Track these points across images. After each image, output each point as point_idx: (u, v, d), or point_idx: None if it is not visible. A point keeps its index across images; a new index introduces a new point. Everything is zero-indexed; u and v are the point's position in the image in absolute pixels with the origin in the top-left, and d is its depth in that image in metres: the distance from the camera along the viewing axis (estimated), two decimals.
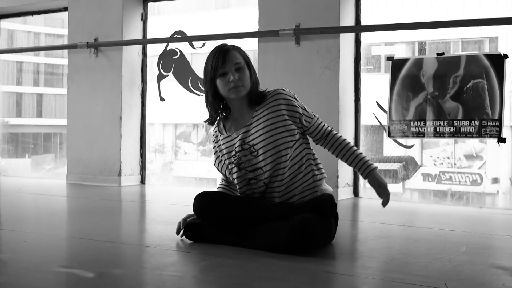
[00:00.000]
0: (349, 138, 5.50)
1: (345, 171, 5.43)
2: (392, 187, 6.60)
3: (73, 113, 6.81)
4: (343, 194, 5.41)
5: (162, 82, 6.59)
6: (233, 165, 3.31)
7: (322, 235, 3.15)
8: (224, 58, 3.24)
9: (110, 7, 6.52)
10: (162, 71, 6.56)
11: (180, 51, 6.48)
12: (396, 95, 5.31)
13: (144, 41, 6.56)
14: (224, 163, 3.38)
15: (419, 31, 5.75)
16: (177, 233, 3.40)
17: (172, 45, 6.53)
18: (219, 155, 3.41)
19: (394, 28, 5.37)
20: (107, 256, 3.08)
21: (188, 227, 3.36)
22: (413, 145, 5.86)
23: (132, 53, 6.60)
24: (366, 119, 5.64)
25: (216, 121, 3.42)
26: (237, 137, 3.31)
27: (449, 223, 4.26)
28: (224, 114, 3.43)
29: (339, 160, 5.19)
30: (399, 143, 5.61)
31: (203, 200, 3.28)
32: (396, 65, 5.32)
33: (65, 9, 7.00)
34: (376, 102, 5.54)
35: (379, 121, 5.52)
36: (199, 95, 6.34)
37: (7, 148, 15.82)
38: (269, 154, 3.22)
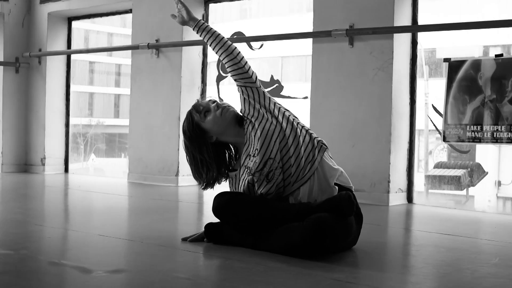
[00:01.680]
0: (403, 141, 5.32)
1: (397, 176, 5.26)
2: (456, 194, 6.38)
3: (135, 113, 6.91)
4: (395, 200, 5.23)
5: (221, 83, 6.59)
6: (261, 181, 3.22)
7: (338, 236, 3.02)
8: (199, 106, 3.32)
9: (171, 8, 6.55)
10: (221, 72, 6.56)
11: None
12: (452, 98, 5.09)
13: (204, 42, 6.54)
14: (244, 183, 3.30)
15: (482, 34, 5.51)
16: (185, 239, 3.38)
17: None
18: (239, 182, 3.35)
19: (450, 28, 5.15)
20: (123, 253, 3.08)
21: (208, 228, 3.32)
22: (469, 150, 5.62)
23: (192, 54, 6.63)
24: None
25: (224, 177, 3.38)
26: (253, 158, 3.24)
27: (496, 232, 4.05)
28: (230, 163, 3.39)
29: (391, 165, 5.08)
30: (455, 147, 5.38)
31: (221, 200, 3.23)
32: (453, 67, 5.10)
33: (130, 11, 7.11)
34: (432, 105, 5.33)
35: (434, 125, 5.32)
36: None
37: (103, 148, 16.32)
38: (273, 150, 3.16)
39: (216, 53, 3.36)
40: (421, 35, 5.48)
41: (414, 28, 5.25)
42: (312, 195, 3.15)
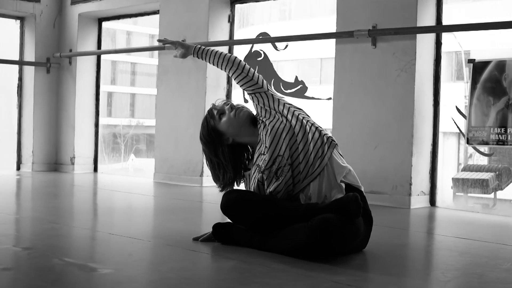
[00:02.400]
0: (426, 143, 5.24)
1: (419, 179, 5.18)
2: (483, 197, 6.26)
3: (161, 114, 6.95)
4: (417, 202, 5.15)
5: None
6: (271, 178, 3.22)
7: (344, 237, 2.98)
8: (213, 110, 3.39)
9: (197, 9, 6.60)
10: None
11: (264, 53, 6.45)
12: (476, 99, 5.00)
13: (230, 42, 6.57)
14: (254, 181, 3.30)
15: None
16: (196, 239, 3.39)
17: (256, 48, 6.51)
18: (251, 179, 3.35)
19: (473, 28, 5.05)
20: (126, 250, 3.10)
21: (216, 228, 3.32)
22: (493, 153, 5.51)
23: None
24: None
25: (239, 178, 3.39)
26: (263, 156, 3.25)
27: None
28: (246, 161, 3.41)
29: (412, 167, 5.01)
30: (479, 150, 5.28)
31: (229, 198, 3.22)
32: (477, 68, 5.02)
33: (158, 12, 7.15)
34: (456, 107, 5.24)
35: (458, 127, 5.23)
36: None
37: (143, 149, 16.43)
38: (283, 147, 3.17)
39: (224, 70, 3.39)
40: (460, 37, 5.40)
41: (436, 28, 5.17)
42: (322, 192, 3.13)
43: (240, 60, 3.36)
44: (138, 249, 3.24)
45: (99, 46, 8.07)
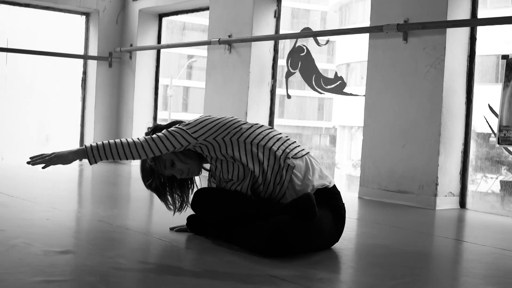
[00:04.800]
0: (457, 143, 5.04)
1: (447, 179, 4.98)
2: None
3: (209, 108, 7.02)
4: (444, 204, 4.96)
5: (289, 80, 6.54)
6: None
7: (301, 237, 2.91)
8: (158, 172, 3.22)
9: (244, 4, 6.61)
10: (290, 68, 6.51)
11: (306, 48, 6.38)
12: (509, 97, 4.75)
13: (274, 37, 6.54)
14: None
15: None
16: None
17: (300, 43, 6.45)
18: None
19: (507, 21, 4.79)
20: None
21: (190, 220, 3.34)
22: None
23: (263, 50, 6.63)
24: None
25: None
26: None
27: None
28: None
29: (439, 167, 4.84)
30: (510, 151, 5.02)
31: (196, 196, 3.23)
32: (511, 64, 4.76)
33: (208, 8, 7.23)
34: (488, 105, 5.00)
35: (490, 127, 4.99)
36: (321, 93, 6.19)
37: None
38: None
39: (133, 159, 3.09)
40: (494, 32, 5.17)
41: (464, 23, 4.94)
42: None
43: (142, 141, 3.01)
44: (102, 233, 3.29)
45: (159, 41, 8.24)
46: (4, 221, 3.52)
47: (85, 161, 8.00)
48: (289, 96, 6.61)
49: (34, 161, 2.97)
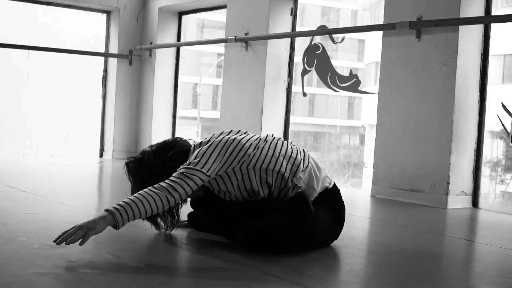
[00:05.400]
0: (469, 141, 4.99)
1: (459, 177, 4.94)
2: None
3: (226, 106, 7.04)
4: (455, 203, 4.91)
5: (305, 77, 6.53)
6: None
7: (298, 236, 2.91)
8: None
9: (261, 2, 6.61)
10: (306, 66, 6.50)
11: (322, 46, 6.36)
12: None
13: (289, 34, 6.52)
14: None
15: None
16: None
17: (316, 41, 6.44)
18: None
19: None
20: None
21: (190, 216, 3.37)
22: None
23: (279, 48, 6.63)
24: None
25: None
26: None
27: None
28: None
29: (451, 166, 4.80)
30: None
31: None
32: None
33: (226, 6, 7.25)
34: (502, 103, 4.94)
35: (503, 126, 4.93)
36: (336, 91, 6.17)
37: None
38: None
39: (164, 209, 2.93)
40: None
41: (477, 20, 4.88)
42: None
43: (166, 196, 2.85)
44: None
45: (178, 39, 8.28)
46: (9, 215, 3.57)
47: (104, 158, 8.22)
48: (304, 94, 6.60)
49: (66, 241, 2.61)
